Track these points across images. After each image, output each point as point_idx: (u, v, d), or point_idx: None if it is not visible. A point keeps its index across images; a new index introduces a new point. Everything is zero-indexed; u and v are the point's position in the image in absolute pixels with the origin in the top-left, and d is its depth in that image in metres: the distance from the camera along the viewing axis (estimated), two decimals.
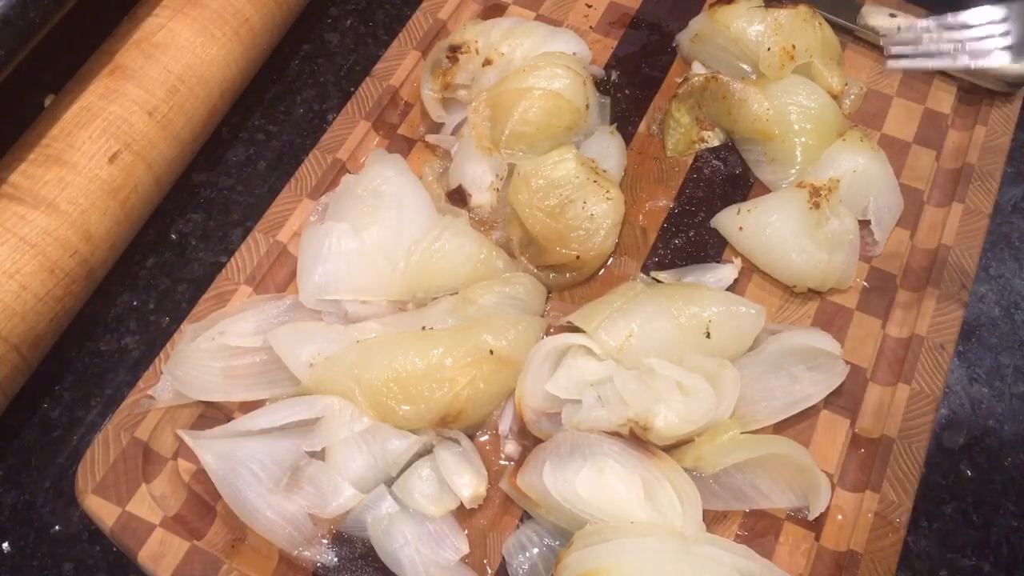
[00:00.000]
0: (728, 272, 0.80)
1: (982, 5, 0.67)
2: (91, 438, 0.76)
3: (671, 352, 0.71)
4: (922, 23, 0.73)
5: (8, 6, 0.71)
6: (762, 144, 0.85)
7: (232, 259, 0.79)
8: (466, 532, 0.69)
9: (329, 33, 1.00)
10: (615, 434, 0.68)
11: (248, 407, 0.72)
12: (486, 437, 0.73)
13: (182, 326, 0.75)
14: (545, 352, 0.71)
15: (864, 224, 0.81)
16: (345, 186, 0.80)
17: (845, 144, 0.83)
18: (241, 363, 0.73)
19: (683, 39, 0.92)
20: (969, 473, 0.76)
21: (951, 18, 0.71)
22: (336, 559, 0.68)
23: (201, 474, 0.70)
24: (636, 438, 0.67)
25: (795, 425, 0.73)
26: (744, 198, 0.85)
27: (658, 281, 0.79)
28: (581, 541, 0.63)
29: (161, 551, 0.67)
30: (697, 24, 0.90)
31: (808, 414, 0.74)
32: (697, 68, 0.90)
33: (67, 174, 0.75)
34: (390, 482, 0.69)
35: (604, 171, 0.83)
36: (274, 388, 0.73)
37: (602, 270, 0.81)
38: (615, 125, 0.87)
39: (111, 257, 0.80)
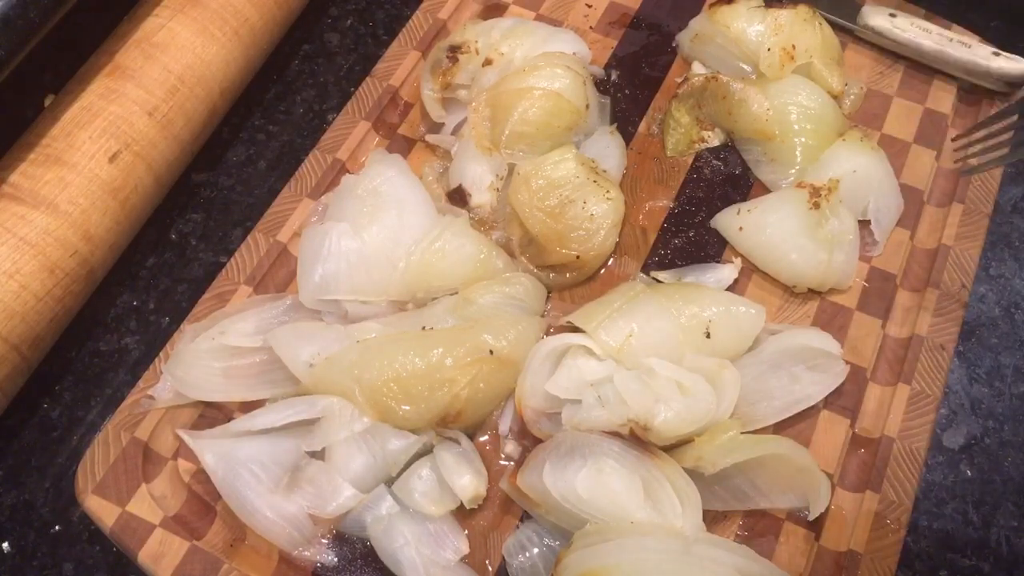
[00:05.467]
0: (728, 272, 0.80)
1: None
2: (91, 438, 0.76)
3: (671, 352, 0.71)
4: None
5: (8, 6, 0.71)
6: (762, 144, 0.85)
7: (232, 259, 0.79)
8: (466, 532, 0.69)
9: (329, 33, 1.00)
10: (615, 434, 0.68)
11: (248, 407, 0.72)
12: (486, 437, 0.73)
13: (182, 326, 0.75)
14: (545, 352, 0.71)
15: (864, 224, 0.81)
16: (345, 186, 0.80)
17: (845, 144, 0.83)
18: (241, 363, 0.73)
19: (683, 39, 0.92)
20: (969, 473, 0.76)
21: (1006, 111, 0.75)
22: (336, 559, 0.68)
23: (201, 474, 0.70)
24: (636, 438, 0.67)
25: (795, 425, 0.73)
26: (744, 198, 0.85)
27: (658, 281, 0.79)
28: (581, 541, 0.63)
29: (161, 551, 0.67)
30: (697, 24, 0.90)
31: (808, 414, 0.74)
32: (697, 68, 0.90)
33: (67, 174, 0.76)
34: (390, 482, 0.69)
35: (604, 171, 0.83)
36: (274, 388, 0.73)
37: (602, 270, 0.81)
38: (615, 125, 0.87)
39: (111, 257, 0.80)
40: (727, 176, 0.86)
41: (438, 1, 0.94)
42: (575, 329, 0.73)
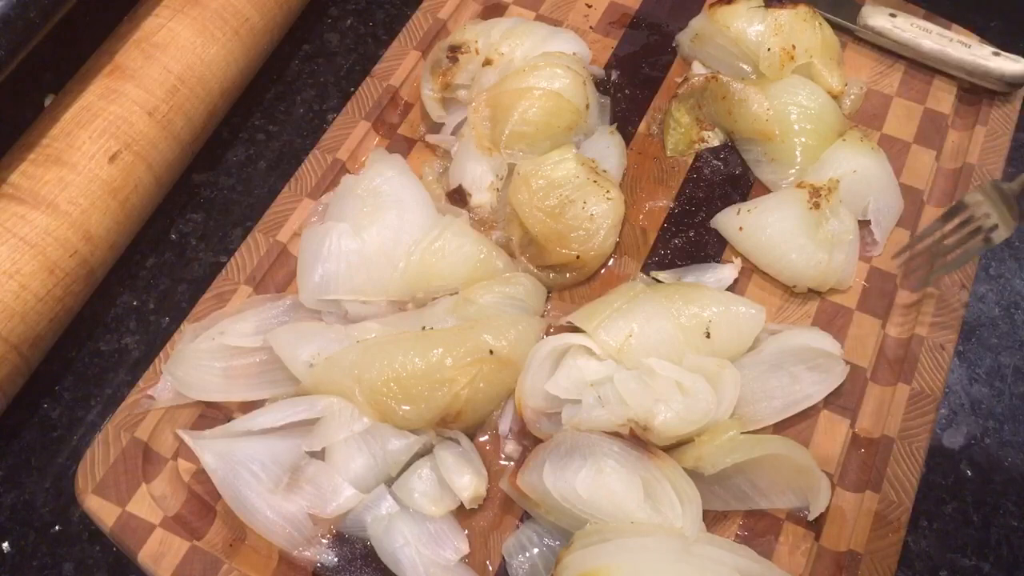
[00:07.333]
0: (728, 272, 0.80)
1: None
2: (91, 438, 0.76)
3: (671, 352, 0.71)
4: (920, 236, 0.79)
5: (8, 6, 0.71)
6: (762, 144, 0.85)
7: (232, 259, 0.79)
8: (466, 532, 0.69)
9: (329, 33, 1.00)
10: (615, 434, 0.68)
11: (248, 407, 0.72)
12: (486, 437, 0.73)
13: (182, 326, 0.75)
14: (545, 352, 0.71)
15: (864, 224, 0.81)
16: (345, 186, 0.80)
17: (845, 144, 0.83)
18: (241, 363, 0.73)
19: (683, 39, 0.92)
20: (969, 473, 0.76)
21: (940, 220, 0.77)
22: (336, 559, 0.68)
23: (201, 474, 0.70)
24: (636, 438, 0.67)
25: (795, 425, 0.73)
26: (744, 198, 0.85)
27: (658, 281, 0.79)
28: (581, 541, 0.63)
29: (161, 551, 0.67)
30: (697, 24, 0.90)
31: (808, 414, 0.74)
32: (697, 68, 0.90)
33: (67, 174, 0.76)
34: (390, 482, 0.69)
35: (604, 171, 0.83)
36: (274, 388, 0.73)
37: (602, 270, 0.81)
38: (615, 125, 0.87)
39: (111, 257, 0.80)
40: (727, 176, 0.86)
41: (438, 1, 0.94)
42: (575, 329, 0.73)
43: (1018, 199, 0.74)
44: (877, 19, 0.90)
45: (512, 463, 0.72)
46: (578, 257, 0.78)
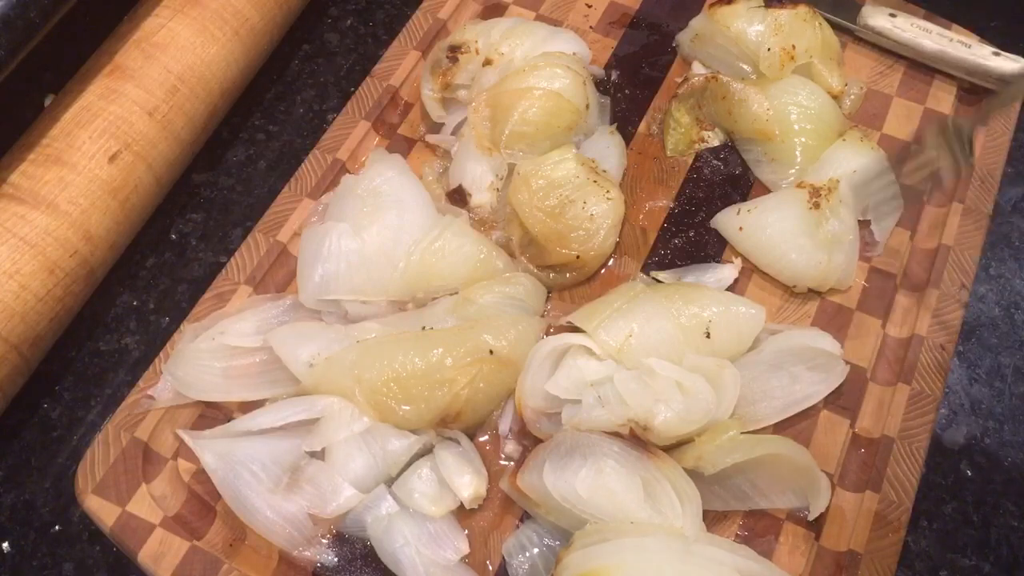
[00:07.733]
0: (728, 272, 0.80)
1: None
2: (91, 438, 0.76)
3: (671, 352, 0.71)
4: None
5: (8, 6, 0.71)
6: (762, 144, 0.85)
7: (232, 259, 0.79)
8: (466, 532, 0.69)
9: (329, 33, 1.00)
10: (615, 434, 0.68)
11: (248, 407, 0.72)
12: (486, 437, 0.73)
13: (182, 326, 0.75)
14: (545, 352, 0.71)
15: (864, 224, 0.81)
16: (345, 186, 0.80)
17: (845, 144, 0.83)
18: (241, 363, 0.73)
19: (683, 39, 0.92)
20: (969, 473, 0.76)
21: None
22: (336, 559, 0.68)
23: (201, 474, 0.70)
24: (636, 438, 0.67)
25: (795, 425, 0.73)
26: (744, 198, 0.85)
27: (658, 281, 0.79)
28: (581, 541, 0.63)
29: (161, 551, 0.67)
30: (697, 24, 0.90)
31: (808, 414, 0.74)
32: (697, 68, 0.90)
33: (67, 174, 0.76)
34: (390, 482, 0.69)
35: (604, 171, 0.83)
36: (274, 388, 0.73)
37: (602, 270, 0.81)
38: (615, 125, 0.87)
39: (111, 257, 0.80)
40: (727, 176, 0.86)
41: (438, 1, 0.94)
42: (575, 329, 0.73)
43: (971, 139, 0.77)
44: (877, 19, 0.90)
45: (512, 463, 0.72)
46: (578, 257, 0.78)
